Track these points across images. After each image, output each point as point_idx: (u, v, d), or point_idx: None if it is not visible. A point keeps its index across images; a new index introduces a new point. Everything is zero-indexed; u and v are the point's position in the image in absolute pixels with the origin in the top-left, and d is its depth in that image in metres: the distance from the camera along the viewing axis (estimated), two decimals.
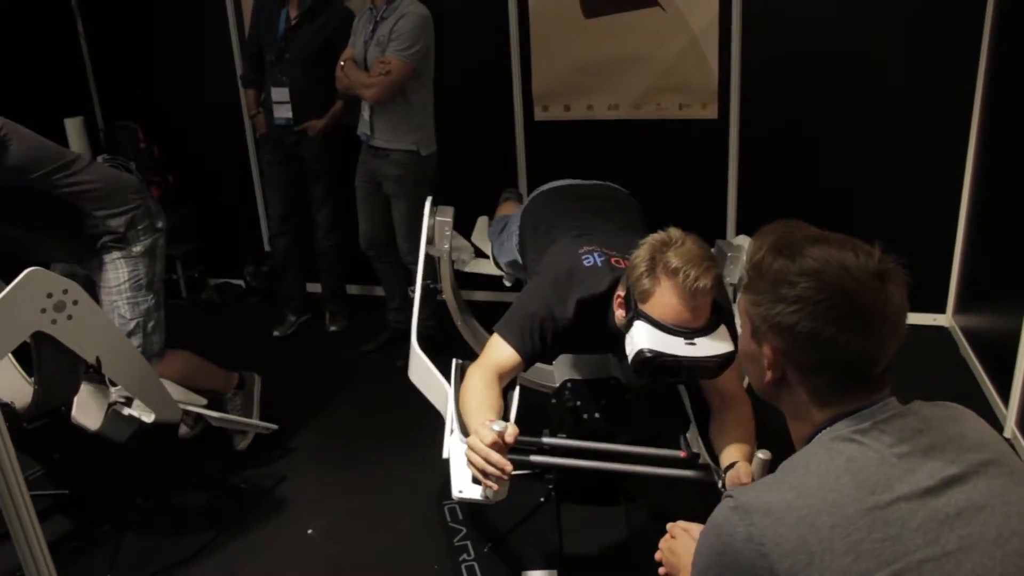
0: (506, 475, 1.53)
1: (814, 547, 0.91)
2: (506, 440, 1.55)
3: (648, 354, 1.60)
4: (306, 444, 2.91)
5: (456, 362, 2.01)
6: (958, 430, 1.02)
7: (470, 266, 2.89)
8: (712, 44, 3.44)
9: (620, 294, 1.76)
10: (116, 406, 2.25)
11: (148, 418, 2.25)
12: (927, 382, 2.03)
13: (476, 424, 1.60)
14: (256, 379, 2.95)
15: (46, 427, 2.26)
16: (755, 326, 1.07)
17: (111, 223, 2.36)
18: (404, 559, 2.32)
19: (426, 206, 2.63)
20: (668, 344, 1.60)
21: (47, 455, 2.62)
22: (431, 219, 2.60)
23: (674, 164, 3.65)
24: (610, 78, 3.59)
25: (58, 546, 2.32)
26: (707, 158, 3.61)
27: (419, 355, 2.17)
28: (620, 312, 1.75)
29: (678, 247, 1.63)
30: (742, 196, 3.63)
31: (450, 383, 1.95)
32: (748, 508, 0.96)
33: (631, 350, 1.64)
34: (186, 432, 2.86)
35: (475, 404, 1.71)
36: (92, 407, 2.24)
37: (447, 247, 2.66)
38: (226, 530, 2.44)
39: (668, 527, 1.31)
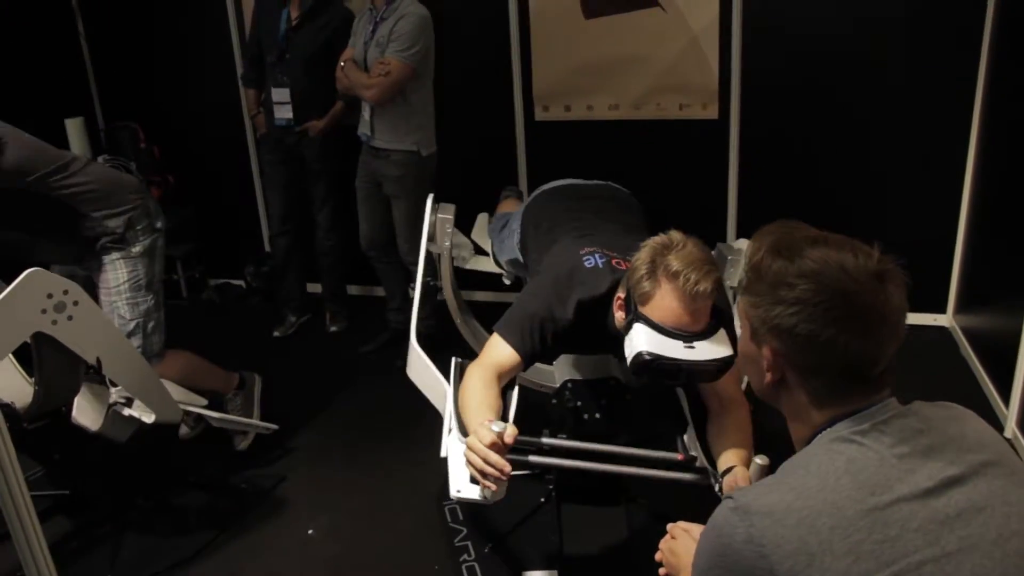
0: (505, 476, 1.52)
1: (814, 548, 0.91)
2: (505, 441, 1.55)
3: (647, 357, 1.60)
4: (306, 444, 2.91)
5: (455, 361, 2.00)
6: (958, 431, 1.02)
7: (470, 263, 2.89)
8: (712, 44, 3.44)
9: (620, 296, 1.76)
10: (116, 407, 2.25)
11: (148, 418, 2.25)
12: (927, 382, 2.04)
13: (475, 424, 1.60)
14: (256, 379, 2.95)
15: (46, 427, 2.25)
16: (754, 328, 1.06)
17: (109, 224, 2.36)
18: (404, 559, 2.32)
19: (428, 203, 2.63)
20: (667, 347, 1.60)
21: (47, 455, 2.62)
22: (432, 216, 2.61)
23: (674, 164, 3.65)
24: (610, 78, 3.59)
25: (58, 546, 2.32)
26: (707, 158, 3.61)
27: (418, 353, 2.16)
28: (620, 314, 1.75)
29: (679, 250, 1.63)
30: (742, 196, 3.63)
31: (449, 382, 1.95)
32: (748, 509, 0.96)
33: (630, 352, 1.64)
34: (186, 432, 2.87)
35: (474, 403, 1.71)
36: (92, 408, 2.25)
37: (448, 244, 2.66)
38: (226, 530, 2.44)
39: (668, 527, 1.31)
